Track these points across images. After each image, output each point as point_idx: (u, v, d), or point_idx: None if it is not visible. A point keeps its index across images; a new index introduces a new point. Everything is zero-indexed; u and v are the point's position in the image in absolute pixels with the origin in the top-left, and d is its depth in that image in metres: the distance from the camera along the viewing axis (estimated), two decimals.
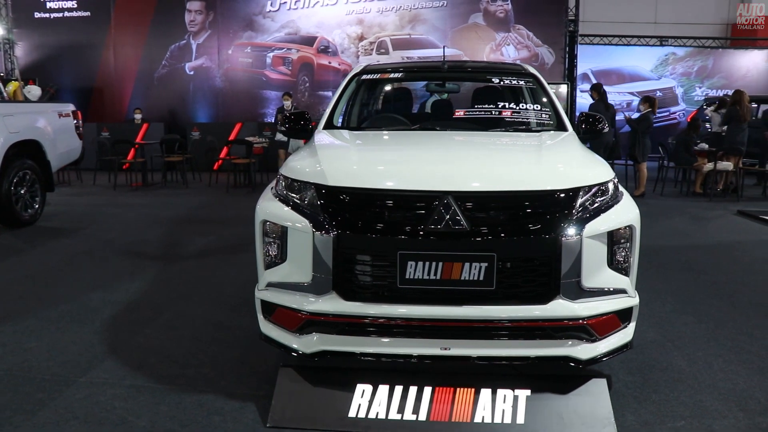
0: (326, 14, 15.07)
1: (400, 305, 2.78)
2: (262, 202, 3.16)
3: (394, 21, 15.36)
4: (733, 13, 20.98)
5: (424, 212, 2.75)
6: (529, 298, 2.79)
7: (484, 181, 2.85)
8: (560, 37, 15.72)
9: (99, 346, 3.70)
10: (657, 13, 20.91)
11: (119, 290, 4.80)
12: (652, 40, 18.09)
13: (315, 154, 3.27)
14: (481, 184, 2.83)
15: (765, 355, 3.69)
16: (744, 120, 10.51)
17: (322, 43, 15.23)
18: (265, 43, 15.00)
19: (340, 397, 2.84)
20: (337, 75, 15.42)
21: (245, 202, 9.35)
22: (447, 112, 4.52)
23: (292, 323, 2.92)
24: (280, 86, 15.12)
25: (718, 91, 17.40)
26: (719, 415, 2.95)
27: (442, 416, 2.77)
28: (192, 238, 6.77)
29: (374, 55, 15.51)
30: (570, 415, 2.79)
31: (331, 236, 2.75)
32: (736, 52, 17.96)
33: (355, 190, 2.84)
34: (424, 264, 2.72)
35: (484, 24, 15.58)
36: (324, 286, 2.82)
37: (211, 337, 3.84)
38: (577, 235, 2.76)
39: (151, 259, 5.84)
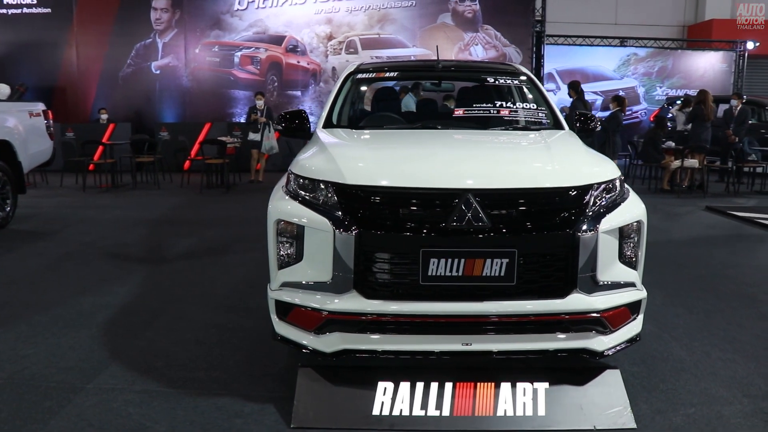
0: (295, 13, 14.97)
1: (422, 302, 2.79)
2: (274, 202, 3.13)
3: (363, 20, 15.35)
4: (689, 16, 21.70)
5: (445, 210, 2.77)
6: (547, 293, 2.84)
7: (502, 179, 2.89)
8: (527, 37, 15.96)
9: (100, 351, 3.61)
10: (617, 14, 21.49)
11: (110, 294, 4.69)
12: (614, 40, 18.52)
13: (327, 153, 3.25)
14: (500, 182, 2.87)
15: (756, 343, 3.83)
16: (708, 119, 10.87)
17: (290, 43, 15.12)
18: (232, 42, 14.81)
19: (362, 396, 2.84)
20: (306, 74, 15.34)
21: (221, 203, 9.25)
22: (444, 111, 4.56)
23: (310, 323, 2.90)
24: (249, 86, 14.97)
25: (677, 90, 17.92)
26: (726, 402, 3.06)
27: (465, 411, 2.80)
28: (174, 239, 6.65)
29: (343, 54, 15.48)
30: (588, 405, 2.85)
31: (353, 235, 2.75)
32: (694, 53, 18.54)
33: (376, 188, 2.84)
34: (446, 261, 2.74)
35: (453, 24, 15.71)
36: (345, 285, 2.81)
37: (214, 340, 3.78)
38: (593, 230, 2.82)
39: (137, 261, 5.72)
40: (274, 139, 11.76)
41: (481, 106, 4.27)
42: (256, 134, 11.58)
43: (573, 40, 18.59)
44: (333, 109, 4.30)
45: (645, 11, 21.25)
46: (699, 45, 19.08)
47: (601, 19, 21.11)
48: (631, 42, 18.57)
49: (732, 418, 2.90)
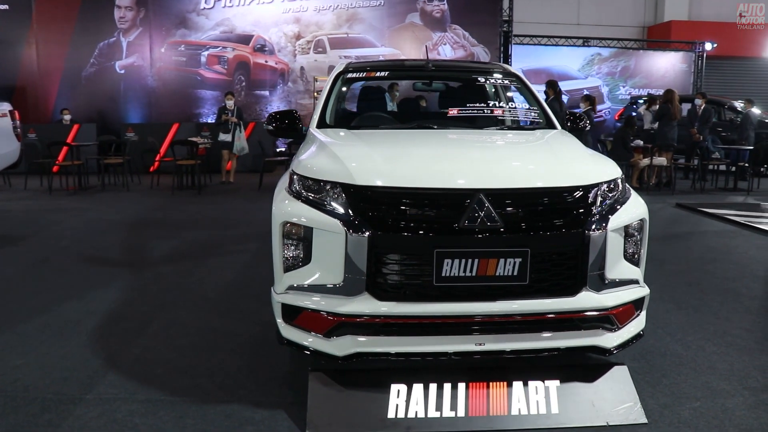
0: (262, 12, 14.83)
1: (436, 303, 2.78)
2: (279, 203, 3.08)
3: (331, 20, 15.30)
4: (649, 17, 22.22)
5: (458, 210, 2.76)
6: (558, 291, 2.86)
7: (514, 178, 2.90)
8: (495, 37, 16.15)
9: (94, 359, 3.49)
10: (580, 15, 21.88)
11: (95, 299, 4.55)
12: (578, 40, 18.85)
13: (332, 154, 3.21)
14: (512, 181, 2.87)
15: (746, 336, 3.93)
16: (675, 118, 11.15)
17: (258, 42, 14.97)
18: (199, 42, 14.59)
19: (376, 399, 2.81)
20: (274, 74, 15.21)
21: (195, 205, 9.08)
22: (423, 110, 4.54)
23: (321, 326, 2.86)
24: (216, 86, 14.77)
25: (640, 89, 18.34)
26: (728, 395, 3.12)
27: (480, 411, 2.80)
28: (153, 242, 6.50)
29: (311, 54, 15.41)
30: (600, 401, 2.88)
31: (366, 236, 2.72)
32: (655, 53, 18.99)
33: (388, 189, 2.81)
34: (460, 261, 2.73)
35: (421, 24, 15.78)
36: (357, 287, 2.78)
37: (212, 345, 3.70)
38: (601, 229, 2.85)
39: (118, 266, 5.56)
40: (245, 140, 11.60)
41: (474, 105, 4.28)
42: (227, 135, 11.42)
43: (538, 40, 18.87)
44: (326, 109, 4.26)
45: (606, 12, 21.68)
46: (659, 45, 19.56)
47: (563, 19, 21.47)
48: (594, 42, 18.93)
49: (736, 410, 2.97)
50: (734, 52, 19.84)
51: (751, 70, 20.67)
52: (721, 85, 19.50)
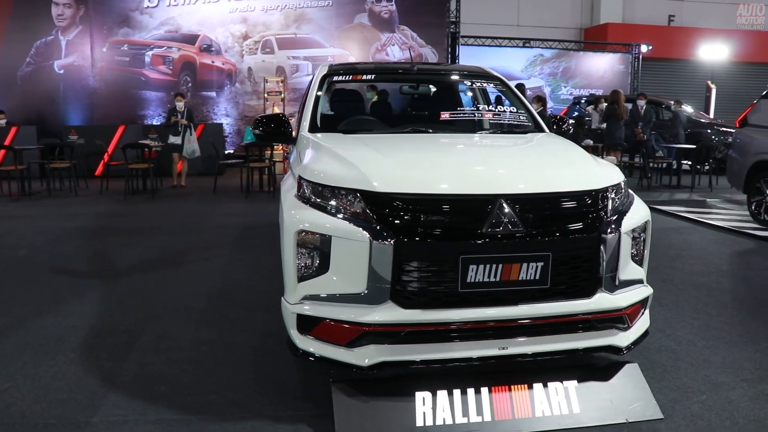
0: (208, 12, 14.47)
1: (461, 309, 2.78)
2: (291, 211, 3.00)
3: (279, 20, 15.09)
4: (585, 19, 22.93)
5: (481, 216, 2.77)
6: (575, 294, 2.91)
7: (532, 183, 2.93)
8: (443, 38, 16.30)
9: (89, 379, 3.31)
10: (519, 17, 22.36)
11: (72, 314, 4.32)
12: (519, 41, 19.29)
13: (342, 159, 3.15)
14: (528, 186, 2.90)
15: (728, 329, 4.11)
16: (621, 118, 11.55)
17: (204, 42, 14.61)
18: (143, 41, 14.10)
19: (402, 408, 2.78)
20: (221, 75, 14.88)
21: (152, 210, 8.77)
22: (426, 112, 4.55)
23: (342, 337, 2.80)
24: (161, 86, 14.33)
25: (581, 90, 18.96)
26: (729, 387, 3.26)
27: (505, 414, 2.82)
28: (118, 250, 6.23)
29: (259, 54, 15.16)
30: (617, 399, 2.95)
31: (391, 244, 2.69)
32: (595, 54, 19.65)
33: (411, 196, 2.79)
34: (485, 267, 2.74)
35: (370, 24, 15.77)
36: (381, 296, 2.75)
37: (211, 359, 3.58)
38: (615, 231, 2.93)
39: (87, 276, 5.31)
40: (195, 142, 11.29)
41: (464, 109, 4.30)
42: (177, 137, 11.06)
43: (482, 41, 19.21)
44: (316, 113, 4.19)
45: (545, 14, 22.23)
46: (598, 47, 20.24)
47: (504, 20, 21.89)
48: (537, 43, 19.43)
49: (740, 402, 3.10)
50: (667, 54, 20.75)
51: (683, 72, 21.66)
52: (656, 86, 20.33)
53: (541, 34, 20.44)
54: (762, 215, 7.51)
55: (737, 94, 21.38)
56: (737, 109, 20.67)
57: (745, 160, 7.75)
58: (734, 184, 8.04)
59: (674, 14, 22.83)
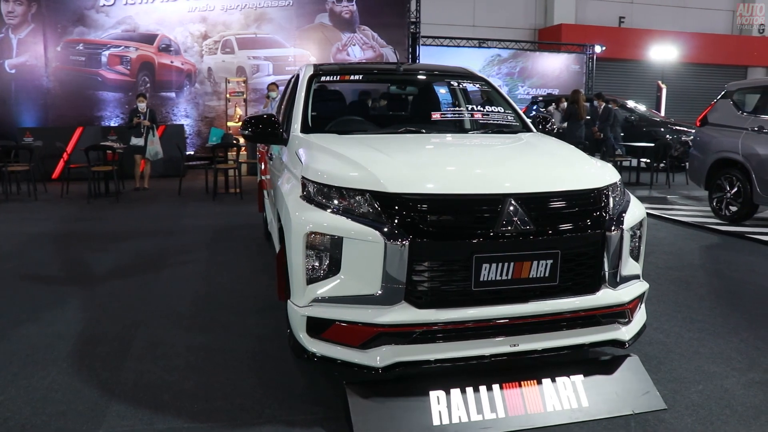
0: (167, 11, 14.17)
1: (474, 308, 2.81)
2: (298, 212, 2.97)
3: (239, 19, 14.89)
4: (539, 20, 23.39)
5: (493, 215, 2.81)
6: (581, 290, 2.98)
7: (537, 182, 2.98)
8: (403, 38, 16.37)
9: (88, 389, 3.21)
10: (475, 17, 22.66)
11: (55, 322, 4.18)
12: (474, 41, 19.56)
13: (348, 160, 3.14)
14: (536, 185, 2.95)
15: (712, 321, 4.27)
16: (581, 117, 11.84)
17: (163, 42, 14.30)
18: (99, 41, 13.70)
19: (418, 407, 2.79)
20: (180, 75, 14.59)
21: (118, 214, 8.53)
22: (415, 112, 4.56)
23: (356, 338, 2.80)
24: (118, 87, 13.97)
25: (537, 89, 19.32)
26: (722, 376, 3.39)
27: (518, 410, 2.86)
28: (90, 256, 6.04)
29: (219, 54, 14.93)
30: (622, 392, 3.03)
31: (406, 245, 2.70)
32: (551, 55, 20.05)
33: (423, 196, 2.80)
34: (498, 265, 2.79)
35: (330, 24, 15.71)
36: (395, 296, 2.76)
37: (210, 364, 3.51)
38: (618, 228, 3.01)
39: (64, 283, 5.13)
40: (158, 144, 11.04)
41: (455, 109, 4.34)
42: (139, 139, 10.81)
43: (441, 41, 19.39)
44: (307, 113, 4.16)
45: (500, 14, 22.59)
46: (554, 47, 20.67)
47: (460, 21, 22.15)
48: (494, 43, 19.72)
49: (735, 390, 3.23)
50: (619, 55, 21.37)
51: (635, 72, 22.33)
52: (609, 85, 20.89)
53: (496, 35, 20.76)
54: (723, 211, 7.80)
55: (686, 94, 22.22)
56: (687, 108, 21.55)
57: (706, 158, 8.04)
58: (696, 180, 8.34)
59: (624, 16, 23.54)
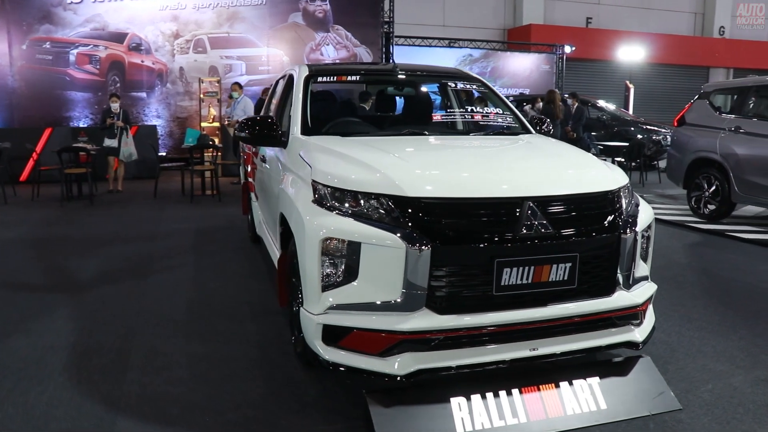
0: (137, 9, 13.84)
1: (495, 312, 2.78)
2: (312, 217, 2.90)
3: (211, 18, 14.64)
4: (509, 20, 23.57)
5: (512, 219, 2.78)
6: (598, 292, 2.99)
7: (554, 185, 2.97)
8: (377, 37, 16.33)
9: (90, 404, 3.07)
10: (445, 17, 22.72)
11: (45, 333, 4.01)
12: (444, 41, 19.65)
13: (361, 163, 3.08)
14: (554, 188, 2.94)
15: (708, 319, 4.33)
16: (557, 117, 11.95)
17: (133, 40, 13.97)
18: (67, 39, 13.30)
19: (440, 415, 2.75)
20: (151, 75, 14.28)
21: (95, 218, 8.30)
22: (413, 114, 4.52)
23: (375, 346, 2.75)
24: (87, 87, 13.60)
25: (508, 89, 19.44)
26: (728, 375, 3.43)
27: (539, 415, 2.84)
28: (73, 261, 5.84)
29: (191, 53, 14.66)
30: (639, 393, 3.04)
31: (428, 250, 2.65)
32: (522, 54, 20.22)
33: (444, 200, 2.76)
34: (519, 269, 2.76)
35: (304, 24, 15.57)
36: (417, 303, 2.71)
37: (215, 374, 3.41)
38: (632, 230, 3.02)
39: (48, 291, 4.93)
40: (133, 145, 10.79)
41: (456, 111, 4.31)
42: (113, 140, 10.55)
43: (413, 41, 19.39)
44: (306, 115, 4.09)
45: (469, 14, 22.68)
46: (524, 47, 20.85)
47: (430, 20, 22.19)
48: (466, 43, 19.81)
49: (744, 388, 3.26)
50: (588, 55, 21.65)
51: (604, 72, 22.67)
52: (579, 85, 21.12)
53: (466, 35, 20.84)
54: (702, 209, 7.95)
55: (653, 94, 22.64)
56: (654, 107, 21.97)
57: (684, 157, 8.18)
58: (674, 179, 8.48)
59: (591, 17, 23.87)
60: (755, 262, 5.96)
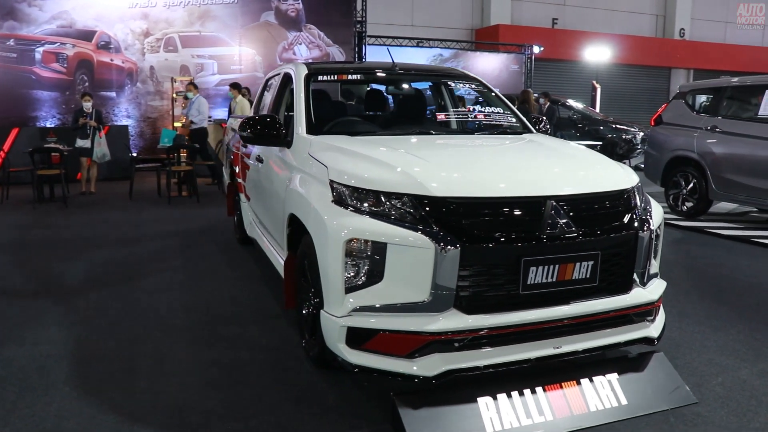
0: (106, 6, 13.50)
1: (521, 311, 2.79)
2: (329, 217, 2.87)
3: (182, 16, 14.39)
4: (476, 20, 23.75)
5: (537, 218, 2.80)
6: (616, 289, 3.02)
7: (575, 184, 2.99)
8: (350, 37, 16.28)
9: (102, 415, 2.96)
10: (413, 17, 22.77)
11: (40, 340, 3.86)
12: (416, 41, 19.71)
13: (380, 162, 3.06)
14: (575, 187, 2.97)
15: (703, 314, 4.42)
16: None
17: (102, 39, 13.62)
18: (32, 36, 12.89)
19: (470, 415, 2.74)
20: (120, 74, 13.96)
21: (72, 220, 8.04)
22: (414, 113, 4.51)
23: (403, 348, 2.73)
24: (54, 86, 13.22)
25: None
26: (735, 368, 3.51)
27: (564, 412, 2.86)
28: (57, 266, 5.65)
29: (162, 52, 14.38)
30: (656, 389, 3.08)
31: (457, 250, 2.65)
32: (491, 54, 20.40)
33: (471, 199, 2.76)
34: (544, 268, 2.78)
35: (276, 23, 15.43)
36: (445, 303, 2.70)
37: (227, 380, 3.33)
38: (648, 228, 3.06)
39: (36, 297, 4.76)
40: (106, 145, 10.52)
41: (460, 110, 4.32)
42: (86, 140, 10.26)
43: (383, 40, 19.38)
44: (310, 114, 4.04)
45: (437, 14, 22.77)
46: (492, 48, 21.05)
47: (399, 20, 22.21)
48: (437, 43, 19.90)
49: (752, 381, 3.34)
50: (555, 55, 21.96)
51: (571, 72, 23.04)
52: (547, 85, 21.41)
53: (434, 34, 20.93)
54: (679, 206, 8.14)
55: (618, 93, 23.12)
56: (619, 106, 22.41)
57: (662, 156, 8.36)
58: (652, 177, 8.65)
59: (557, 17, 24.24)
60: (737, 258, 6.12)
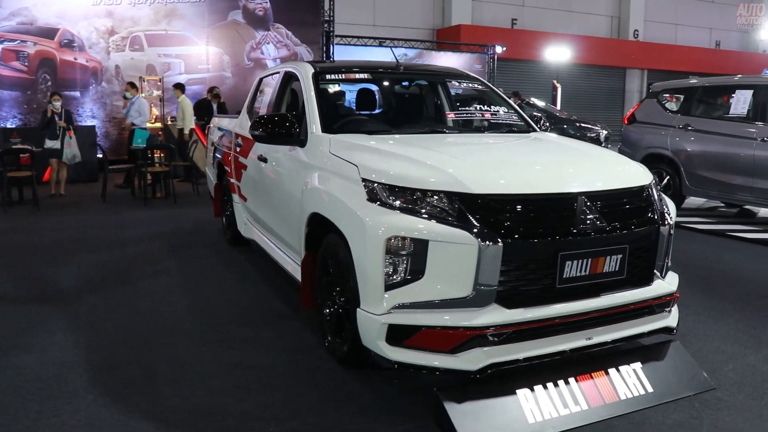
0: (68, 3, 13.12)
1: (557, 304, 2.87)
2: (367, 216, 2.90)
3: (148, 15, 14.10)
4: (437, 20, 23.95)
5: (570, 213, 2.89)
6: (641, 281, 3.14)
7: (603, 180, 3.10)
8: (317, 36, 16.23)
9: (135, 422, 2.89)
10: (375, 17, 22.85)
11: (49, 348, 3.74)
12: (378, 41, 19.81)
13: (413, 160, 3.11)
14: (604, 183, 3.07)
15: (700, 305, 4.61)
16: None
17: (65, 37, 13.24)
18: None
19: (512, 407, 2.79)
20: (85, 73, 13.59)
21: (48, 224, 7.78)
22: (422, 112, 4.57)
23: (446, 343, 2.77)
24: (15, 85, 12.80)
25: None
26: (740, 355, 3.68)
27: (597, 401, 2.95)
28: (46, 271, 5.47)
29: (127, 51, 14.07)
30: (678, 376, 3.21)
31: (500, 246, 2.71)
32: (455, 54, 20.62)
33: (510, 196, 2.83)
34: (579, 262, 2.87)
35: (244, 22, 15.29)
36: (487, 298, 2.76)
37: (256, 382, 3.29)
38: (668, 222, 3.19)
39: (33, 303, 4.60)
40: (76, 146, 10.22)
41: (466, 110, 4.39)
42: (55, 141, 9.95)
43: (349, 40, 19.38)
44: (323, 113, 4.04)
45: (399, 14, 22.88)
46: (455, 47, 21.28)
47: (361, 20, 22.25)
48: (401, 43, 20.01)
49: (760, 366, 3.51)
50: (517, 55, 22.35)
51: (532, 72, 23.49)
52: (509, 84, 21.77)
53: (396, 34, 21.03)
54: None
55: (577, 92, 23.68)
56: (579, 105, 22.94)
57: (635, 154, 8.61)
58: None
59: (516, 18, 24.66)
60: (718, 252, 6.38)
